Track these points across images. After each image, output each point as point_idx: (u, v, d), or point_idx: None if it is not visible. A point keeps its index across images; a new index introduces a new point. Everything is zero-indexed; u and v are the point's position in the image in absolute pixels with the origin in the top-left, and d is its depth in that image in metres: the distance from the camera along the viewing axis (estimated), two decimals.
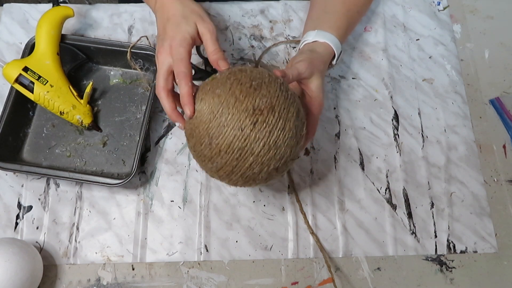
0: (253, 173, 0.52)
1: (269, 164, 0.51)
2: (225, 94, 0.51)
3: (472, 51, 0.81)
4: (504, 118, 0.75)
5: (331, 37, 0.64)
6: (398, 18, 0.82)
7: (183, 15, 0.59)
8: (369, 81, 0.77)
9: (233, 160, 0.51)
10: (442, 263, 0.67)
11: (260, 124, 0.50)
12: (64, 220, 0.68)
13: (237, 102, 0.50)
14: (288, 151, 0.52)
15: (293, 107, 0.53)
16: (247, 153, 0.50)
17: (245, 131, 0.49)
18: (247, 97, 0.50)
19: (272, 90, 0.52)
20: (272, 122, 0.50)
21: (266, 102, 0.50)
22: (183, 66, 0.55)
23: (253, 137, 0.50)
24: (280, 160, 0.52)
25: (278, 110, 0.51)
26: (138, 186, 0.70)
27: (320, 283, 0.66)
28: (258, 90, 0.51)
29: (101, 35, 0.79)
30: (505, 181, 0.72)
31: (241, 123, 0.49)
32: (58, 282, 0.65)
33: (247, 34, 0.80)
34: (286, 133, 0.51)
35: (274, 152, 0.51)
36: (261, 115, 0.50)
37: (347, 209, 0.69)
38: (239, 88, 0.51)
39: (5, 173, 0.69)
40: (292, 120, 0.52)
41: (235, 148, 0.50)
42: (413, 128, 0.75)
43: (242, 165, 0.51)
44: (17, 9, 0.80)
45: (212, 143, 0.51)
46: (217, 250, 0.67)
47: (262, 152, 0.50)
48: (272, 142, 0.50)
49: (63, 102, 0.68)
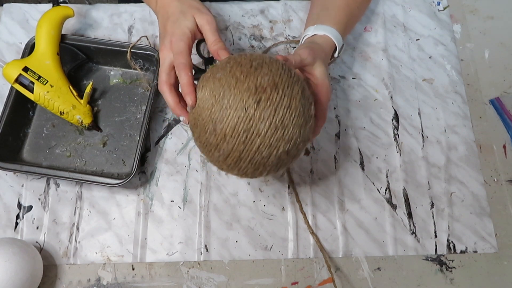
0: (262, 158, 0.49)
1: (278, 146, 0.49)
2: (225, 77, 0.50)
3: (472, 51, 0.81)
4: (504, 118, 0.75)
5: (330, 29, 0.64)
6: (398, 18, 0.82)
7: (181, 11, 0.59)
8: (369, 81, 0.77)
9: (240, 144, 0.48)
10: (442, 263, 0.67)
11: (264, 102, 0.47)
12: (64, 220, 0.68)
13: (238, 82, 0.48)
14: (296, 131, 0.49)
15: (298, 85, 0.51)
16: (253, 134, 0.48)
17: (249, 111, 0.47)
18: (248, 76, 0.48)
19: (274, 68, 0.50)
20: (276, 100, 0.48)
21: (268, 80, 0.48)
22: (183, 58, 0.56)
23: (258, 117, 0.47)
24: (289, 141, 0.49)
25: (282, 88, 0.49)
26: (138, 186, 0.70)
27: (320, 283, 0.66)
28: (259, 69, 0.49)
29: (101, 35, 0.79)
30: (505, 181, 0.72)
31: (244, 103, 0.47)
32: (58, 282, 0.65)
33: (247, 34, 0.80)
34: (292, 111, 0.48)
35: (282, 132, 0.48)
36: (264, 93, 0.47)
37: (347, 209, 0.69)
38: (240, 69, 0.49)
39: (5, 173, 0.69)
40: (297, 98, 0.49)
41: (240, 131, 0.48)
42: (413, 128, 0.75)
43: (250, 149, 0.49)
44: (17, 9, 0.80)
45: (216, 128, 0.49)
46: (217, 250, 0.67)
47: (269, 132, 0.48)
48: (279, 121, 0.48)
49: (63, 102, 0.68)
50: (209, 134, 0.50)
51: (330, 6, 0.69)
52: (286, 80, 0.50)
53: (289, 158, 0.52)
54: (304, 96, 0.51)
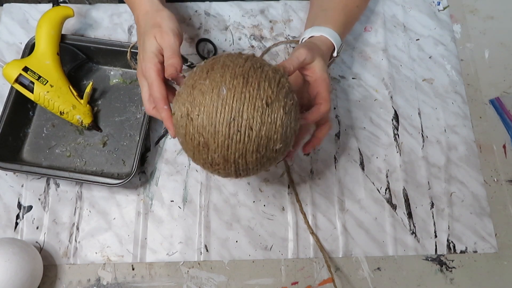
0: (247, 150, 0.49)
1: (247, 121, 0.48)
2: (183, 89, 0.51)
3: (472, 51, 0.81)
4: (504, 118, 0.75)
5: (327, 30, 0.64)
6: (398, 18, 0.82)
7: (144, 31, 0.59)
8: (369, 81, 0.77)
9: (223, 134, 0.49)
10: (442, 263, 0.67)
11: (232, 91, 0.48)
12: (64, 220, 0.68)
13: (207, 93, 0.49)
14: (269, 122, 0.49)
15: (264, 75, 0.50)
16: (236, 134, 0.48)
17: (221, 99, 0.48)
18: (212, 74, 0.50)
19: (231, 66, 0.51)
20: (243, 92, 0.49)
21: (232, 74, 0.49)
22: (155, 91, 0.55)
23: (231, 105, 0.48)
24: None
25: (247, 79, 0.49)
26: (138, 186, 0.70)
27: (320, 283, 0.66)
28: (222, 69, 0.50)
29: (101, 35, 0.79)
30: (505, 181, 0.72)
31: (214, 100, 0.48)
32: (58, 282, 0.65)
33: (247, 34, 0.80)
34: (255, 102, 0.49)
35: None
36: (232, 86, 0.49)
37: (347, 209, 0.69)
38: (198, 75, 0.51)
39: (5, 173, 0.69)
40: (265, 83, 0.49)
41: (218, 122, 0.48)
42: (413, 128, 0.75)
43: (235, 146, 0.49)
44: (17, 9, 0.80)
45: (198, 131, 0.50)
46: (217, 250, 0.67)
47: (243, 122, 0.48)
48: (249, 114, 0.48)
49: (63, 102, 0.68)
50: (194, 138, 0.51)
51: (328, 7, 0.69)
52: (249, 70, 0.50)
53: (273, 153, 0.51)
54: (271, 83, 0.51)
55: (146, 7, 0.60)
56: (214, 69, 0.50)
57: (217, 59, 0.52)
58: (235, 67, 0.50)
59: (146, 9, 0.60)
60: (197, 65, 0.54)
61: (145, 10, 0.61)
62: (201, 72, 0.51)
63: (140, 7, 0.61)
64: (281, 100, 0.50)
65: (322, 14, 0.68)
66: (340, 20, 0.67)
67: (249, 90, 0.49)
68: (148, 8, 0.60)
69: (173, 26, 0.58)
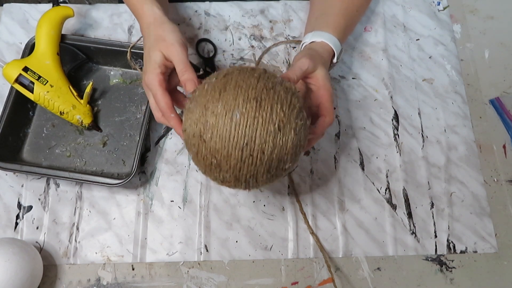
0: (257, 165, 0.50)
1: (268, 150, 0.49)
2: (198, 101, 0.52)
3: (472, 51, 0.81)
4: (504, 118, 0.75)
5: (328, 35, 0.64)
6: (398, 18, 0.82)
7: (150, 46, 0.59)
8: (369, 81, 0.77)
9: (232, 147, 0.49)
10: (442, 263, 0.67)
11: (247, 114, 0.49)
12: (64, 220, 0.68)
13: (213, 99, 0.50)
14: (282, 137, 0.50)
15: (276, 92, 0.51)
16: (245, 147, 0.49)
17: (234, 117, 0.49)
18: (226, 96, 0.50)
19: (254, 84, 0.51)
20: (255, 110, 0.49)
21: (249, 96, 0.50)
22: (160, 100, 0.56)
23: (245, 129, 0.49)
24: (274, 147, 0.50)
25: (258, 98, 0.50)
26: (138, 186, 0.70)
27: (320, 283, 0.66)
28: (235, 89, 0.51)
29: (101, 35, 0.79)
30: (505, 181, 0.72)
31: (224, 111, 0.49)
32: (58, 282, 0.65)
33: (247, 34, 0.80)
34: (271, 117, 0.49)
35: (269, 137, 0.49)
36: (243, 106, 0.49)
37: (347, 209, 0.69)
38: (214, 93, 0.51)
39: (5, 173, 0.69)
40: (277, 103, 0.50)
41: (227, 137, 0.49)
42: (413, 128, 0.75)
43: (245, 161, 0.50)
44: (17, 9, 0.80)
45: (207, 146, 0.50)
46: (217, 250, 0.67)
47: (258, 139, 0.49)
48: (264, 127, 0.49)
49: (63, 102, 0.68)
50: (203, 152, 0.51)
51: (328, 11, 0.69)
52: (263, 90, 0.50)
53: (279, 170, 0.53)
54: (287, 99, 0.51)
55: (149, 19, 0.60)
56: (227, 90, 0.50)
57: (229, 78, 0.52)
58: (248, 89, 0.50)
59: (148, 21, 0.60)
60: (207, 80, 0.54)
61: (147, 22, 0.61)
62: (213, 91, 0.51)
63: (142, 19, 0.62)
64: (292, 122, 0.51)
65: (322, 18, 0.68)
66: (340, 25, 0.67)
67: (262, 115, 0.49)
68: (151, 20, 0.60)
69: (177, 37, 0.58)
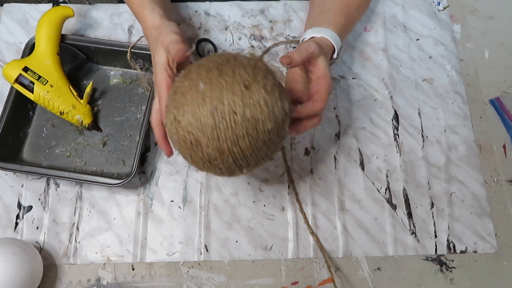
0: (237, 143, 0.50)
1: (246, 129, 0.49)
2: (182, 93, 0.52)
3: (472, 51, 0.81)
4: (504, 118, 0.75)
5: (327, 31, 0.64)
6: (398, 18, 0.82)
7: (152, 47, 0.61)
8: (369, 81, 0.77)
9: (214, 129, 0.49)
10: (442, 263, 0.67)
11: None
12: (64, 220, 0.68)
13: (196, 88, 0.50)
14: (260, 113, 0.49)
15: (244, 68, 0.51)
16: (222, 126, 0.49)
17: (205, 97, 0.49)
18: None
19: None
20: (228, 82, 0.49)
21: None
22: (163, 102, 0.57)
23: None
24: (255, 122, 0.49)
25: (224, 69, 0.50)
26: (138, 186, 0.70)
27: (320, 283, 0.66)
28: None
29: (101, 35, 0.79)
30: (505, 181, 0.72)
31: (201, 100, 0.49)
32: (58, 282, 0.65)
33: (247, 34, 0.80)
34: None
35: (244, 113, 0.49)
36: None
37: (347, 209, 0.69)
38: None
39: (5, 173, 0.69)
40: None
41: (209, 123, 0.49)
42: (413, 128, 0.75)
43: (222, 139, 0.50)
44: (17, 9, 0.80)
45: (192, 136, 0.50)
46: (217, 250, 0.67)
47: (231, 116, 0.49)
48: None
49: (63, 102, 0.68)
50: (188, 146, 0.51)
51: (328, 8, 0.69)
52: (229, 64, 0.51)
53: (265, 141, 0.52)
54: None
55: (150, 23, 0.62)
56: (191, 71, 0.52)
57: (194, 63, 0.54)
58: (209, 63, 0.51)
59: (150, 26, 0.62)
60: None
61: (149, 26, 0.62)
62: (180, 77, 0.53)
63: (144, 24, 0.63)
64: (260, 81, 0.50)
65: (322, 15, 0.68)
66: (340, 22, 0.67)
67: (225, 79, 0.50)
68: (151, 24, 0.62)
69: (176, 37, 0.59)
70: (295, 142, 0.73)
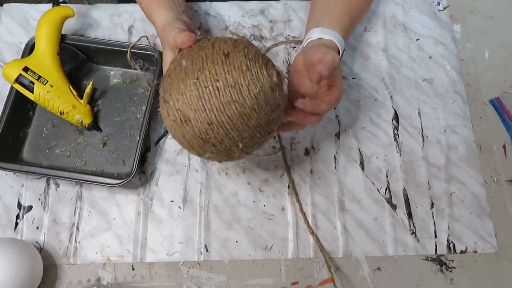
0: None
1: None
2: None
3: (472, 51, 0.81)
4: (504, 118, 0.75)
5: (335, 34, 0.64)
6: (398, 18, 0.82)
7: (162, 47, 0.63)
8: (369, 81, 0.77)
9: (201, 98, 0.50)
10: (442, 263, 0.67)
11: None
12: (64, 220, 0.68)
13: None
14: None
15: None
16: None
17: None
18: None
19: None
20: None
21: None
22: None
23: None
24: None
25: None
26: (138, 186, 0.70)
27: (320, 283, 0.66)
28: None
29: (101, 35, 0.79)
30: (505, 181, 0.72)
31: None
32: (58, 282, 0.65)
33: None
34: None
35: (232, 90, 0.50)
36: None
37: (347, 209, 0.69)
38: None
39: (5, 173, 0.69)
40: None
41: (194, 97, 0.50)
42: (413, 128, 0.75)
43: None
44: (17, 9, 0.80)
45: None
46: (217, 250, 0.67)
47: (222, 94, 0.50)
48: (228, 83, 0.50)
49: (63, 102, 0.68)
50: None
51: (333, 8, 0.68)
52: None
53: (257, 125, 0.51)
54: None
55: (159, 26, 0.63)
56: (177, 58, 0.54)
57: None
58: (194, 46, 0.53)
59: (159, 28, 0.63)
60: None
61: (158, 28, 0.63)
62: (169, 68, 0.55)
63: (155, 26, 0.64)
64: (241, 50, 0.51)
65: (328, 15, 0.68)
66: (345, 24, 0.67)
67: (205, 51, 0.51)
68: (158, 27, 0.63)
69: (179, 25, 0.60)
70: (295, 142, 0.73)
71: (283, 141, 0.72)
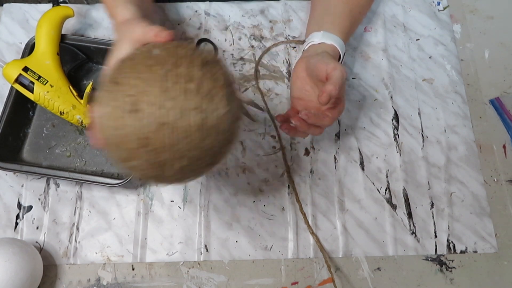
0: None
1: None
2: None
3: (472, 51, 0.81)
4: (504, 118, 0.75)
5: (337, 39, 0.64)
6: (398, 18, 0.82)
7: (119, 40, 0.55)
8: (369, 81, 0.77)
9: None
10: (442, 263, 0.67)
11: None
12: (64, 220, 0.68)
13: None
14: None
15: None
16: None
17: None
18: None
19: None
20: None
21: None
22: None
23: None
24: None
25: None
26: (138, 186, 0.70)
27: (320, 283, 0.66)
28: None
29: (101, 35, 0.79)
30: (505, 181, 0.72)
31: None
32: (58, 282, 0.65)
33: (247, 34, 0.80)
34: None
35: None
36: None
37: (347, 209, 0.69)
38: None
39: (5, 173, 0.69)
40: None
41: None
42: (413, 128, 0.75)
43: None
44: (17, 9, 0.80)
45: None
46: (217, 250, 0.67)
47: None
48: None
49: (63, 102, 0.68)
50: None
51: (334, 11, 0.68)
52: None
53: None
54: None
55: (118, 19, 0.57)
56: (144, 47, 0.49)
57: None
58: (168, 43, 0.49)
59: (118, 21, 0.57)
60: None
61: (118, 22, 0.57)
62: (132, 53, 0.49)
63: (113, 19, 0.59)
64: (222, 66, 0.47)
65: (329, 18, 0.67)
66: (346, 28, 0.67)
67: (185, 51, 0.46)
68: (120, 20, 0.57)
69: (148, 23, 0.54)
70: (295, 142, 0.73)
71: (283, 141, 0.72)
